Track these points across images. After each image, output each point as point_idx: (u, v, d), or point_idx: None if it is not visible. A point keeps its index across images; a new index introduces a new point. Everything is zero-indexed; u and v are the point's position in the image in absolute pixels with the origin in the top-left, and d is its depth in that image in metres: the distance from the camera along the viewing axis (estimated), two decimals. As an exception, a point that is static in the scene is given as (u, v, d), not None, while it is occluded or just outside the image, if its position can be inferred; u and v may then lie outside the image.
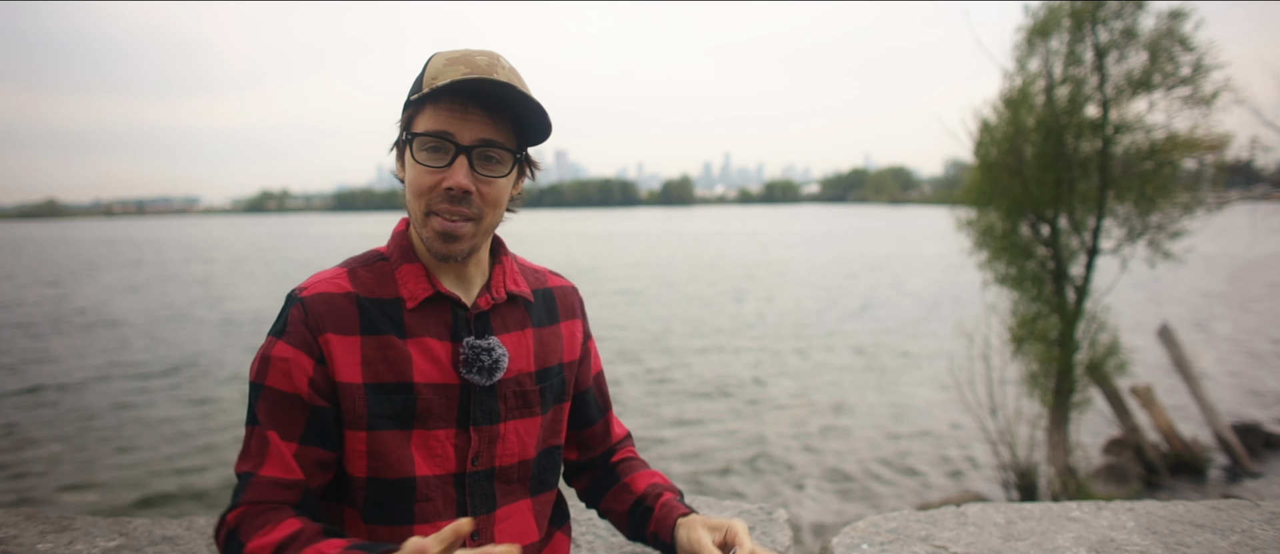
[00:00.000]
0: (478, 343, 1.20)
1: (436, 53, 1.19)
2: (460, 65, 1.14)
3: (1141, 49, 9.14)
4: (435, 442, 1.19)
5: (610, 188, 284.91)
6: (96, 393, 14.51)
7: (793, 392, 14.59)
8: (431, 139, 1.13)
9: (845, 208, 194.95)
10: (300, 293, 1.17)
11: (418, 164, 1.14)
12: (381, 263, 1.23)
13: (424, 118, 1.14)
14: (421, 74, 1.18)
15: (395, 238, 1.25)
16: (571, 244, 62.15)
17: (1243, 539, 1.81)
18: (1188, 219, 9.25)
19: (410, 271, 1.21)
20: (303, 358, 1.13)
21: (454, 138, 1.13)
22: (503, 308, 1.28)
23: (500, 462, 1.24)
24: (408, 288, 1.20)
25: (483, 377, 1.20)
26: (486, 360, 1.20)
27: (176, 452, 11.34)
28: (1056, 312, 9.66)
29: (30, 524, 2.02)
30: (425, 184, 1.14)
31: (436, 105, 1.13)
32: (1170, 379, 11.98)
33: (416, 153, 1.14)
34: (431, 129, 1.13)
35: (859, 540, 1.87)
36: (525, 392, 1.27)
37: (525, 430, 1.27)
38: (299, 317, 1.15)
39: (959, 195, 10.78)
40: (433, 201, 1.15)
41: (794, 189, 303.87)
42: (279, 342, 1.15)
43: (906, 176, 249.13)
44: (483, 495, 1.23)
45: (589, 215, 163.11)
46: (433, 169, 1.14)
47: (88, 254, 59.30)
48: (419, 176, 1.15)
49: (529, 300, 1.32)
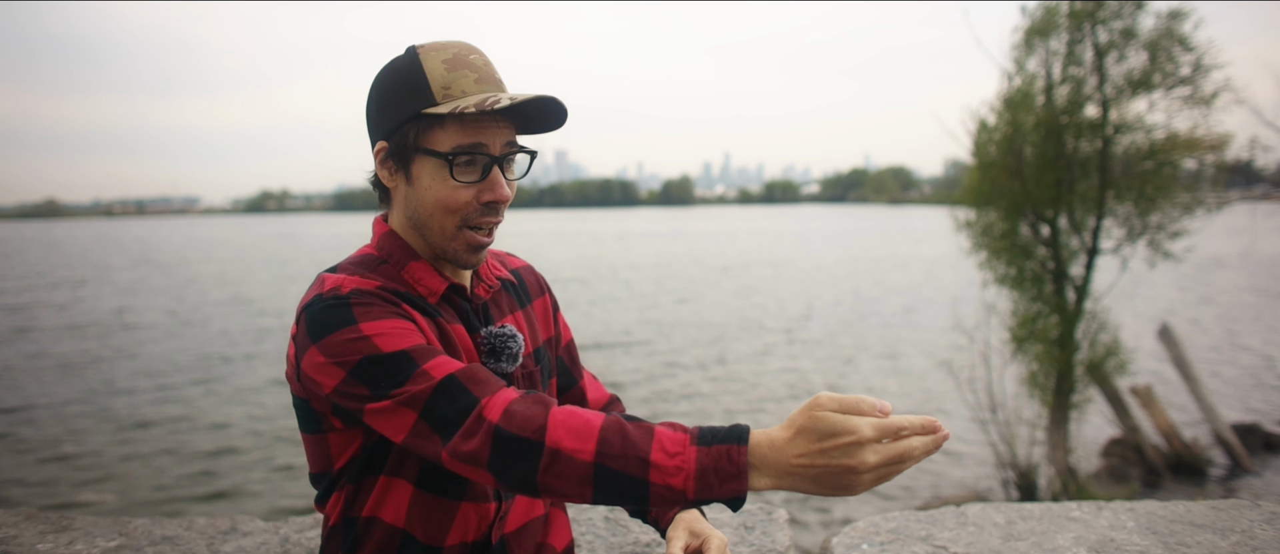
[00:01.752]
0: (499, 331, 1.23)
1: (422, 50, 1.15)
2: (467, 72, 1.13)
3: (1141, 49, 9.15)
4: None
5: (610, 188, 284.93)
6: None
7: (791, 393, 14.59)
8: (467, 154, 1.13)
9: (845, 208, 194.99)
10: (337, 290, 1.09)
11: (455, 181, 1.13)
12: (383, 265, 1.20)
13: (448, 133, 1.12)
14: (423, 79, 1.13)
15: (386, 238, 1.22)
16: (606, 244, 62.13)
17: (1243, 539, 1.81)
18: (1188, 219, 9.26)
19: (419, 268, 1.20)
20: (402, 322, 1.07)
21: (486, 149, 1.13)
22: (496, 294, 1.31)
23: None
24: (424, 284, 1.19)
25: (510, 363, 1.22)
26: (514, 346, 1.23)
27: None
28: (1056, 311, 9.66)
29: (30, 524, 2.03)
30: (463, 199, 1.14)
31: (464, 121, 1.12)
32: (1171, 379, 11.99)
33: (456, 171, 1.13)
34: (463, 144, 1.12)
35: (859, 540, 1.87)
36: (530, 372, 1.30)
37: None
38: (364, 301, 1.08)
39: (959, 195, 10.78)
40: (470, 216, 1.15)
41: (794, 189, 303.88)
42: (361, 324, 1.05)
43: (906, 177, 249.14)
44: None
45: (589, 215, 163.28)
46: (469, 184, 1.14)
47: (104, 255, 59.26)
48: (455, 192, 1.13)
49: (512, 283, 1.36)
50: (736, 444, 0.92)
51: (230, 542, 1.97)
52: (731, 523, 2.02)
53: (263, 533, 2.04)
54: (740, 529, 1.98)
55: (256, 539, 2.00)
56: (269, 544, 1.97)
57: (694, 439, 0.93)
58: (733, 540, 1.92)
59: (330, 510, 1.23)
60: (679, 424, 0.97)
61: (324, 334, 1.06)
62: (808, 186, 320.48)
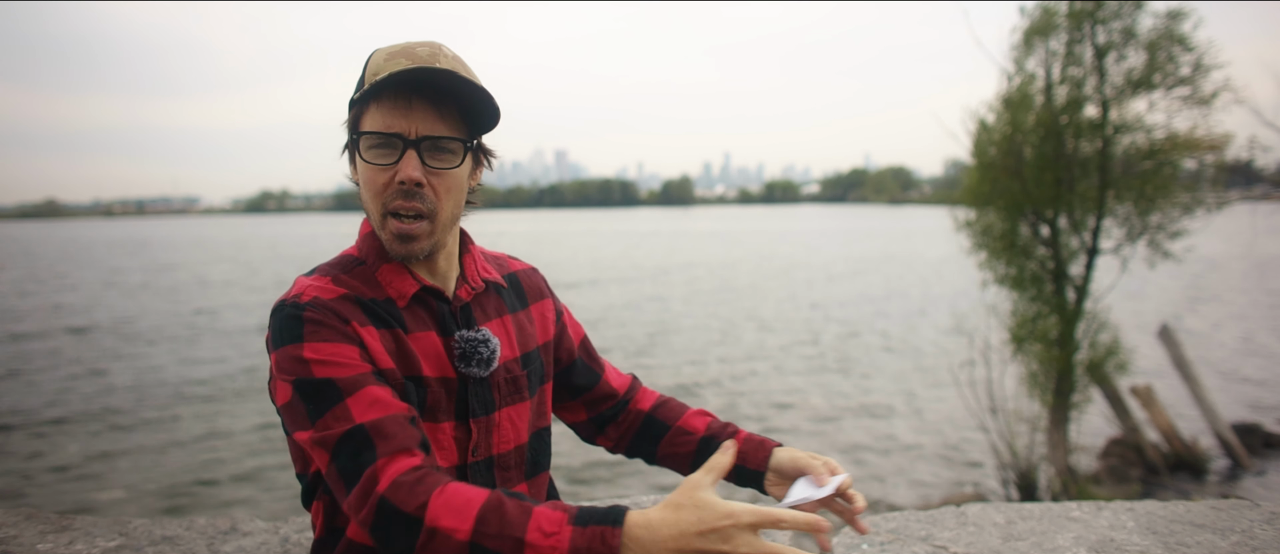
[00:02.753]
0: (472, 335, 1.20)
1: (377, 49, 1.17)
2: (401, 58, 1.12)
3: (1141, 49, 9.14)
4: (441, 434, 1.19)
5: (610, 188, 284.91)
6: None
7: (792, 389, 14.60)
8: (378, 137, 1.11)
9: (845, 208, 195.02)
10: (298, 298, 1.11)
11: (367, 164, 1.13)
12: (360, 267, 1.19)
13: (370, 116, 1.12)
14: (363, 72, 1.16)
15: (365, 239, 1.22)
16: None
17: (1243, 539, 1.81)
18: (1188, 219, 9.25)
19: (392, 271, 1.19)
20: (344, 347, 1.08)
21: (401, 134, 1.11)
22: (481, 297, 1.28)
23: (497, 450, 1.24)
24: (394, 287, 1.18)
25: (481, 368, 1.20)
26: (485, 351, 1.20)
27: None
28: (1056, 312, 9.66)
29: (30, 524, 2.02)
30: (378, 183, 1.12)
31: (380, 102, 1.11)
32: (1171, 378, 11.99)
33: (365, 153, 1.12)
34: (377, 127, 1.11)
35: (859, 540, 1.87)
36: (514, 377, 1.27)
37: (517, 416, 1.27)
38: (316, 317, 1.08)
39: (959, 195, 10.78)
40: (387, 200, 1.13)
41: (794, 189, 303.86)
42: (305, 344, 1.07)
43: (906, 177, 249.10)
44: (483, 485, 1.23)
45: (591, 215, 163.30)
46: (382, 167, 1.12)
47: (112, 257, 59.24)
48: (371, 176, 1.13)
49: (502, 287, 1.33)
50: (611, 526, 0.94)
51: (230, 542, 1.97)
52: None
53: (263, 533, 2.04)
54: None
55: (256, 539, 2.00)
56: (269, 544, 1.97)
57: (571, 519, 0.95)
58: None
59: (315, 518, 1.23)
60: (561, 504, 0.99)
61: (279, 345, 1.09)
62: (808, 187, 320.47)
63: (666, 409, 1.46)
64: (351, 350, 1.08)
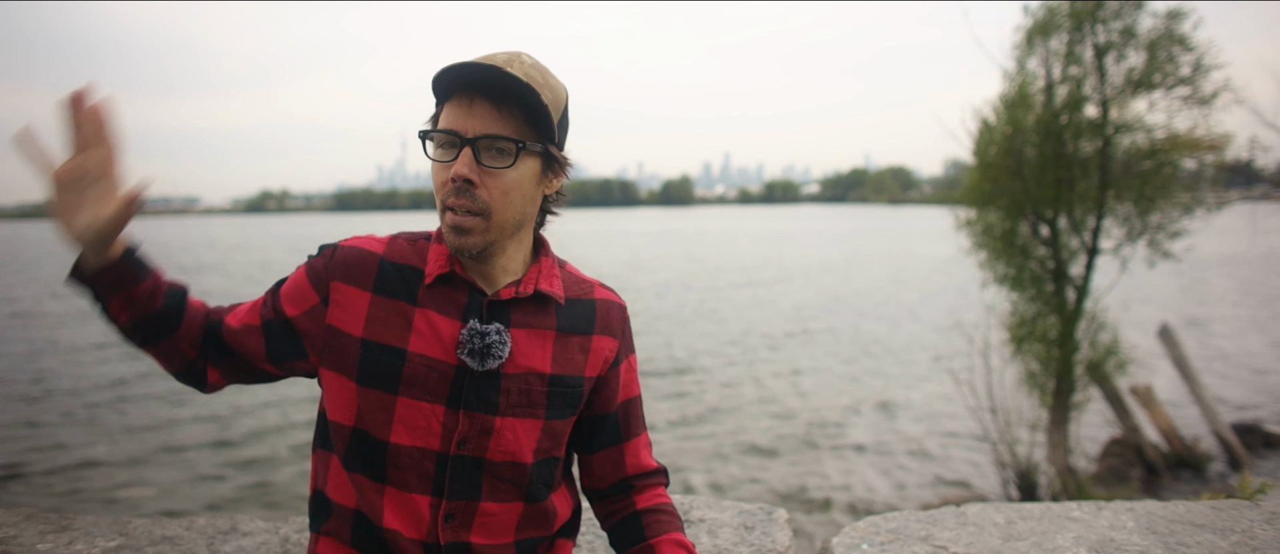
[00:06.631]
0: (479, 327, 1.20)
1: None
2: (473, 62, 1.17)
3: (1141, 49, 9.14)
4: (419, 414, 1.19)
5: (610, 188, 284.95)
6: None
7: (791, 389, 14.60)
8: (442, 134, 1.17)
9: (845, 208, 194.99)
10: (338, 242, 1.28)
11: (431, 159, 1.19)
12: (423, 241, 1.29)
13: (442, 116, 1.18)
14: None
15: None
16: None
17: (1243, 539, 1.81)
18: (1188, 219, 9.25)
19: (439, 251, 1.25)
20: (310, 293, 1.25)
21: (459, 132, 1.15)
22: (526, 303, 1.25)
23: (491, 455, 1.22)
24: (431, 264, 1.24)
25: (474, 360, 1.19)
26: (478, 343, 1.19)
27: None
28: (1056, 312, 9.66)
29: (30, 524, 2.02)
30: (438, 178, 1.18)
31: (450, 101, 1.17)
32: (1171, 378, 11.99)
33: (429, 150, 1.20)
34: (440, 126, 1.17)
35: (859, 540, 1.87)
36: (531, 391, 1.23)
37: (524, 430, 1.23)
38: (326, 257, 1.26)
39: (959, 195, 10.78)
40: (445, 196, 1.17)
41: (794, 189, 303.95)
42: (303, 268, 1.28)
43: (906, 176, 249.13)
44: (466, 482, 1.21)
45: (591, 215, 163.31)
46: (442, 163, 1.17)
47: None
48: (434, 172, 1.19)
49: (559, 303, 1.28)
50: None
51: (230, 542, 1.97)
52: (731, 523, 2.02)
53: (263, 533, 2.04)
54: (740, 530, 1.98)
55: (256, 539, 2.00)
56: (269, 544, 1.97)
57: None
58: (733, 540, 1.92)
59: (311, 475, 1.32)
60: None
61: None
62: (808, 186, 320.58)
63: (655, 521, 1.36)
64: (309, 292, 1.25)
